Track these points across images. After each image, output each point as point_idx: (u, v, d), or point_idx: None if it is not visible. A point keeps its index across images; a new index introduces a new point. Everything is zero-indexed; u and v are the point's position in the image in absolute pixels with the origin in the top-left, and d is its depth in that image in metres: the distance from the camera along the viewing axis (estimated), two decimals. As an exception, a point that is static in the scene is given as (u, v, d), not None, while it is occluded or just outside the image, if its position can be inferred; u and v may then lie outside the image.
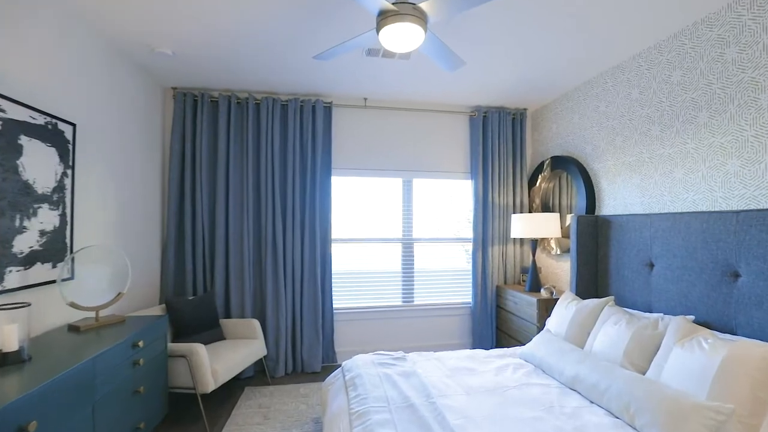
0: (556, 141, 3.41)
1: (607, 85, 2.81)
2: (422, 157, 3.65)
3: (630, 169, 2.60)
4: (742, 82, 1.91)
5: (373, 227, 3.62)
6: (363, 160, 3.55)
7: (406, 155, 3.62)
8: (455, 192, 3.79)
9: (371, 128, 3.57)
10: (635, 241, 2.38)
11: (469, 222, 3.78)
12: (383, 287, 3.62)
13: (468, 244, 3.77)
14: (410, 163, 3.63)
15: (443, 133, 3.70)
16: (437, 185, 3.74)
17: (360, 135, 3.55)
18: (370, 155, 3.56)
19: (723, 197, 2.01)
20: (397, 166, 3.61)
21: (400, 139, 3.62)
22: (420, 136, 3.66)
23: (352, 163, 3.53)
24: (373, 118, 3.57)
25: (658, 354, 1.76)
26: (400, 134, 3.62)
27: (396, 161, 3.60)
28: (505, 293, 3.39)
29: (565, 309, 2.43)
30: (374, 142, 3.57)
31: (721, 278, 1.88)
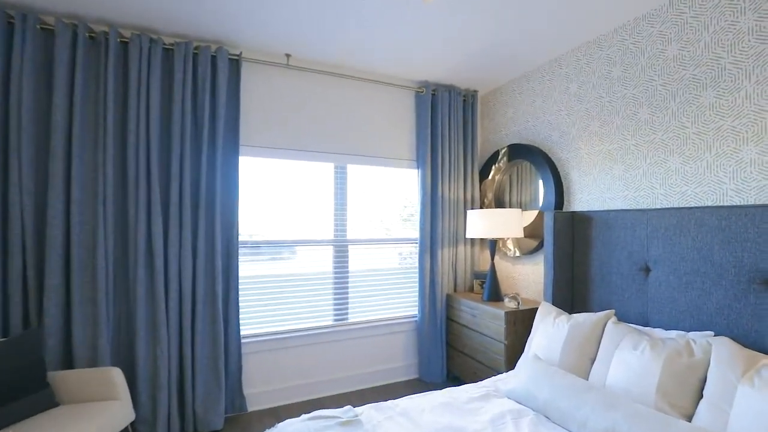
0: (513, 128, 3.01)
1: (580, 63, 2.45)
2: (359, 139, 2.93)
3: (610, 158, 2.26)
4: (762, 55, 1.63)
5: (296, 226, 2.79)
6: (283, 137, 2.69)
7: (340, 135, 2.87)
8: (399, 183, 3.16)
9: (295, 96, 2.73)
10: (626, 241, 2.02)
11: (411, 219, 3.18)
12: (309, 304, 2.81)
13: (413, 245, 3.17)
14: (345, 145, 2.88)
15: (385, 111, 3.03)
16: (377, 174, 3.06)
17: (280, 103, 2.69)
18: (293, 131, 2.72)
19: (735, 190, 1.72)
20: (328, 148, 2.83)
21: (332, 114, 2.85)
22: (357, 112, 2.93)
23: (268, 140, 2.65)
24: (298, 82, 2.74)
25: (710, 391, 1.35)
26: (333, 107, 2.85)
27: (327, 141, 2.82)
28: (457, 303, 2.87)
29: (553, 327, 1.96)
30: (299, 114, 2.74)
31: (747, 286, 1.56)
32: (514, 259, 2.96)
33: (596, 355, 1.78)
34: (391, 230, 3.11)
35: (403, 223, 3.16)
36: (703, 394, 1.38)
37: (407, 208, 3.18)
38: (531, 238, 2.73)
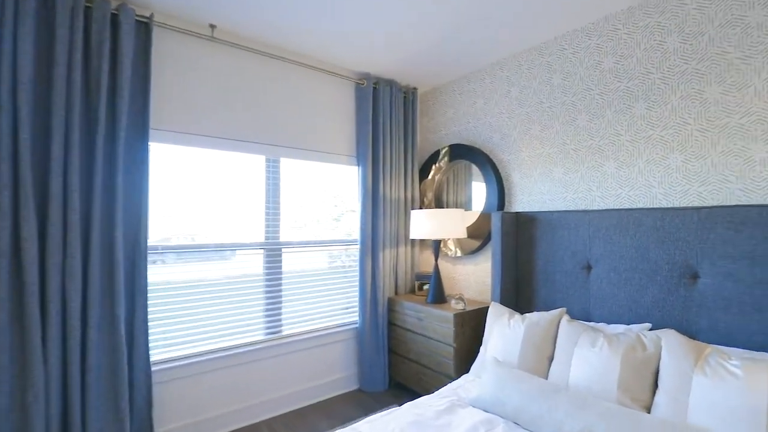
0: (453, 128, 3.01)
1: (521, 69, 2.52)
2: (296, 130, 2.64)
3: (550, 161, 2.36)
4: (686, 73, 1.82)
5: (221, 228, 2.39)
6: (206, 123, 2.27)
7: (274, 124, 2.54)
8: (337, 180, 2.93)
9: (222, 75, 2.33)
10: (570, 240, 2.11)
11: (341, 219, 2.98)
12: (236, 318, 2.43)
13: (352, 247, 2.97)
14: (278, 136, 2.56)
15: (324, 101, 2.78)
16: (314, 170, 2.79)
17: (203, 82, 2.26)
18: (219, 116, 2.32)
19: (663, 194, 1.89)
20: (259, 138, 2.48)
21: (265, 100, 2.51)
22: (294, 100, 2.63)
23: (187, 125, 2.21)
24: (225, 59, 2.34)
25: (666, 383, 1.42)
26: (267, 92, 2.51)
27: (258, 131, 2.47)
28: (400, 307, 2.76)
29: (509, 328, 1.95)
30: (226, 96, 2.35)
31: (678, 280, 1.72)
32: (455, 259, 2.96)
33: (553, 354, 1.81)
34: (329, 231, 2.87)
35: (334, 222, 2.93)
36: (658, 385, 1.46)
37: (337, 207, 2.96)
38: (473, 239, 2.75)
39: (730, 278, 1.58)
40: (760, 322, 1.51)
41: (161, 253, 2.18)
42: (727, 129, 1.70)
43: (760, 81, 1.61)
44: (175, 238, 2.23)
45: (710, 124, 1.75)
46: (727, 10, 1.70)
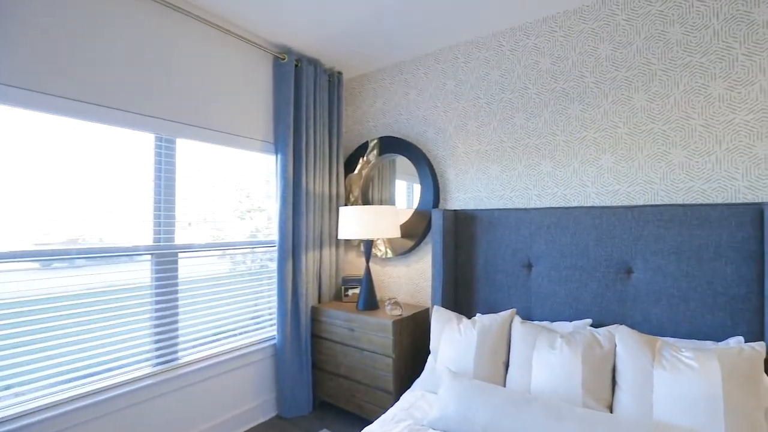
0: (383, 120, 2.80)
1: (458, 62, 2.44)
2: (197, 105, 2.11)
3: (487, 158, 2.32)
4: (616, 80, 1.92)
5: (92, 225, 1.74)
6: (67, 81, 1.63)
7: (168, 93, 1.98)
8: (249, 170, 2.45)
9: (94, 16, 1.70)
10: (511, 239, 2.08)
11: (247, 216, 2.54)
12: (112, 348, 1.81)
13: (269, 249, 2.53)
14: (175, 110, 2.01)
15: (235, 73, 2.30)
16: (220, 156, 2.28)
17: (62, 20, 1.61)
18: (87, 71, 1.69)
19: (596, 193, 1.98)
20: (147, 109, 1.90)
21: (157, 61, 1.93)
22: (196, 67, 2.10)
23: (39, 81, 1.54)
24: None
25: (627, 380, 1.42)
26: (161, 52, 1.94)
27: (146, 99, 1.89)
28: (327, 317, 2.44)
29: (460, 334, 1.81)
30: (100, 44, 1.72)
31: (615, 276, 1.80)
32: (385, 261, 2.75)
33: (508, 358, 1.72)
34: (237, 231, 2.39)
35: (243, 220, 2.46)
36: (617, 383, 1.46)
37: (244, 202, 2.48)
38: (406, 238, 2.58)
39: (660, 272, 1.69)
40: (685, 312, 1.64)
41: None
42: (651, 134, 1.83)
43: (679, 92, 1.77)
44: (18, 240, 1.53)
45: (637, 128, 1.87)
46: (651, 25, 1.83)
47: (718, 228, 1.58)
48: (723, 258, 1.57)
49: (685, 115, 1.75)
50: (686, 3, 1.75)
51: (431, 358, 1.90)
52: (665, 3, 1.80)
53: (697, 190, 1.73)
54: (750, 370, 1.27)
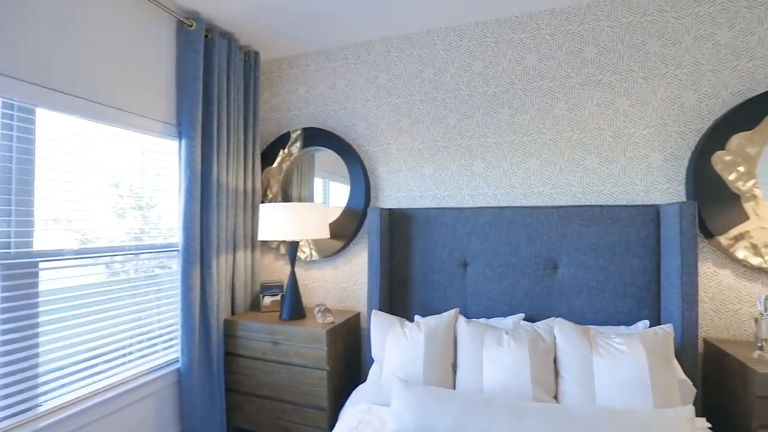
0: (307, 109, 2.56)
1: (390, 56, 2.36)
2: (69, 65, 1.60)
3: (420, 157, 2.29)
4: (541, 89, 2.07)
5: None
6: None
7: (25, 43, 1.45)
8: (140, 156, 1.97)
9: None
10: (447, 238, 2.08)
11: (126, 212, 2.07)
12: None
13: (170, 254, 2.07)
14: (34, 68, 1.48)
15: (124, 33, 1.82)
16: (99, 136, 1.78)
17: None
18: None
19: (523, 194, 2.10)
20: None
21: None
22: (67, 15, 1.59)
23: None
24: None
25: (570, 370, 1.50)
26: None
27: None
28: (244, 330, 2.10)
29: (407, 339, 1.72)
30: None
31: (543, 272, 1.92)
32: (309, 263, 2.51)
33: (456, 360, 1.69)
34: (125, 232, 1.90)
35: (128, 219, 1.98)
36: (560, 373, 1.54)
37: (128, 197, 1.99)
38: (335, 239, 2.39)
39: (582, 267, 1.86)
40: (602, 301, 1.83)
41: None
42: (571, 141, 2.02)
43: (593, 105, 1.98)
44: None
45: (559, 135, 2.03)
46: (571, 42, 2.02)
47: (627, 226, 1.80)
48: (631, 252, 1.79)
49: (598, 126, 1.97)
50: (598, 26, 1.97)
51: (376, 368, 1.76)
52: (581, 24, 2.00)
53: (607, 193, 1.95)
54: (665, 349, 1.45)
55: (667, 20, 1.87)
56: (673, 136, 1.86)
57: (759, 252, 1.68)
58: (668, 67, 1.86)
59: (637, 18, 1.91)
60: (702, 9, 1.82)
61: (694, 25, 1.83)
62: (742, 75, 1.76)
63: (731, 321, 1.76)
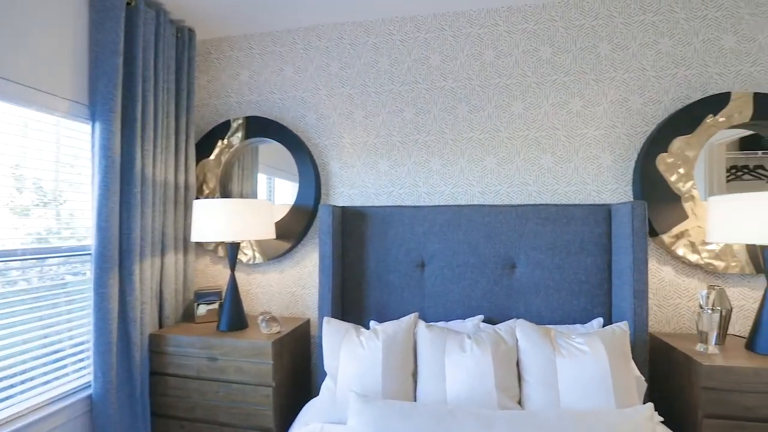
0: (250, 96, 2.31)
1: (343, 42, 2.20)
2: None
3: (376, 152, 2.16)
4: (498, 86, 2.04)
5: None
6: None
7: None
8: (43, 142, 1.61)
9: None
10: (404, 238, 1.97)
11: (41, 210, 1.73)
12: None
13: (81, 258, 1.73)
14: None
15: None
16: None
17: None
18: None
19: (480, 192, 2.06)
20: None
21: None
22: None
23: None
24: None
25: (534, 372, 1.45)
26: None
27: None
28: (174, 345, 1.82)
29: (363, 348, 1.57)
30: None
31: (502, 271, 1.88)
32: (252, 267, 2.27)
33: (416, 368, 1.57)
34: (19, 233, 1.54)
35: (22, 217, 1.62)
36: (523, 377, 1.49)
37: (23, 193, 1.63)
38: (282, 239, 2.18)
39: (539, 266, 1.85)
40: (558, 300, 1.83)
41: None
42: (527, 140, 2.01)
43: (548, 104, 1.99)
44: None
45: (516, 134, 2.02)
46: (527, 41, 2.01)
47: (582, 225, 1.81)
48: (585, 251, 1.81)
49: (553, 126, 1.98)
50: (553, 26, 1.98)
51: (329, 382, 1.60)
52: (537, 24, 2.00)
53: (561, 192, 1.97)
54: (623, 347, 1.46)
55: (616, 26, 1.92)
56: (621, 138, 1.92)
57: (696, 249, 1.78)
58: (617, 71, 1.92)
59: (589, 21, 1.95)
60: (646, 18, 1.90)
61: (640, 32, 1.90)
62: (681, 82, 1.86)
63: (672, 315, 1.85)
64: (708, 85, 1.83)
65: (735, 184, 1.83)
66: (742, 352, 1.54)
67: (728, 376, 1.41)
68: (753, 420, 1.40)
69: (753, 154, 1.84)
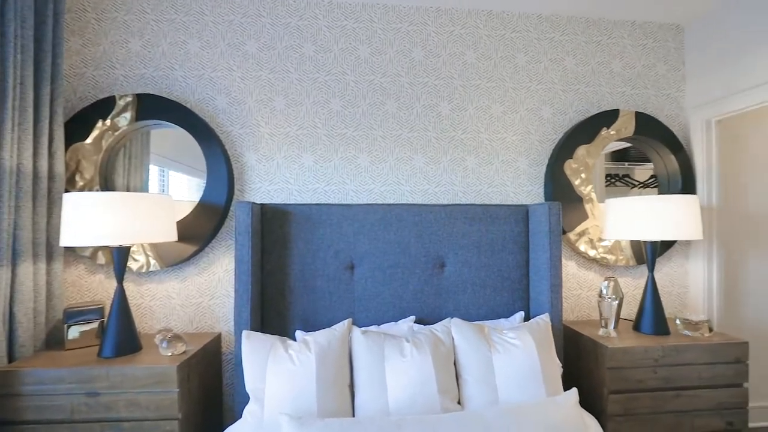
0: (141, 69, 1.91)
1: (262, 20, 1.96)
2: None
3: (299, 145, 1.97)
4: (427, 86, 2.04)
5: None
6: None
7: None
8: None
9: None
10: (333, 239, 1.83)
11: None
12: None
13: None
14: None
15: None
16: None
17: None
18: None
19: (410, 191, 2.03)
20: None
21: None
22: None
23: None
24: None
25: (473, 371, 1.45)
26: None
27: None
28: (35, 383, 1.38)
29: (294, 363, 1.39)
30: None
31: (432, 271, 1.88)
32: (144, 276, 1.88)
33: (353, 379, 1.45)
34: None
35: None
36: (461, 376, 1.48)
37: None
38: (185, 242, 1.85)
39: (466, 265, 1.89)
40: (484, 296, 1.89)
41: None
42: (453, 141, 2.04)
43: (472, 108, 2.05)
44: None
45: (443, 134, 2.04)
46: (453, 44, 2.05)
47: (504, 224, 1.91)
48: (507, 249, 1.90)
49: (476, 129, 2.05)
50: (478, 33, 2.06)
51: (253, 406, 1.38)
52: (464, 28, 2.05)
53: (485, 193, 2.05)
54: (547, 338, 1.56)
55: (531, 40, 2.08)
56: (534, 145, 2.07)
57: (594, 245, 2.02)
58: (531, 81, 2.07)
59: (508, 33, 2.07)
60: (555, 36, 2.09)
61: (550, 48, 2.08)
62: (582, 97, 2.09)
63: (575, 305, 2.07)
64: (602, 102, 2.10)
65: (610, 189, 2.13)
66: (631, 334, 1.78)
67: (625, 355, 1.61)
68: (644, 390, 1.62)
69: (622, 164, 2.16)
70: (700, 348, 1.64)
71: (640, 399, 1.62)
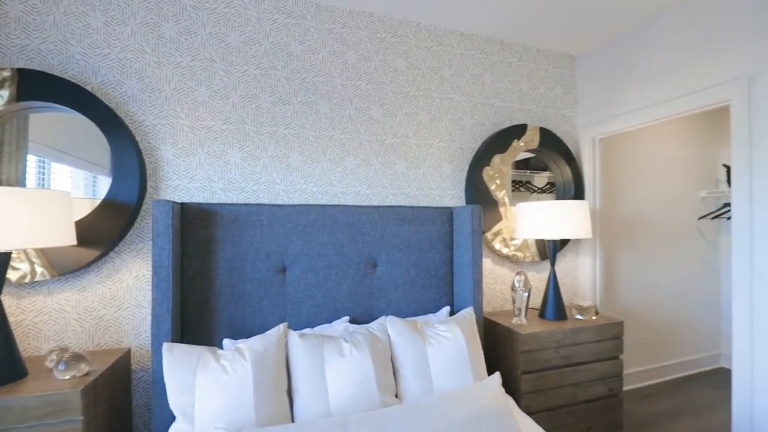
0: (27, 41, 1.59)
1: (182, 3, 1.79)
2: None
3: (225, 140, 1.84)
4: (359, 89, 2.08)
5: None
6: None
7: None
8: None
9: None
10: (263, 241, 1.75)
11: None
12: None
13: None
14: None
15: None
16: None
17: None
18: None
19: (342, 192, 2.03)
20: None
21: None
22: None
23: None
24: None
25: (409, 365, 1.51)
26: None
27: None
28: None
29: (228, 373, 1.30)
30: None
31: (365, 271, 1.92)
32: (27, 287, 1.56)
33: (291, 384, 1.41)
34: None
35: None
36: (398, 370, 1.54)
37: None
38: (85, 246, 1.59)
39: (397, 264, 1.96)
40: (413, 294, 1.98)
41: None
42: (384, 145, 2.11)
43: (402, 114, 2.14)
44: None
45: (374, 138, 2.09)
46: (385, 51, 2.11)
47: (432, 225, 2.03)
48: (435, 248, 2.03)
49: (405, 134, 2.14)
50: (408, 43, 2.15)
51: (181, 425, 1.25)
52: (395, 36, 2.13)
53: (413, 196, 2.15)
54: (473, 329, 1.70)
55: (454, 55, 2.24)
56: (457, 152, 2.24)
57: (507, 244, 2.25)
58: (455, 93, 2.24)
59: (435, 45, 2.21)
60: (475, 54, 2.29)
61: (471, 64, 2.28)
62: (497, 111, 2.33)
63: (491, 297, 2.29)
64: (513, 116, 2.36)
65: (515, 194, 2.41)
66: (538, 321, 2.03)
67: (535, 339, 1.84)
68: (549, 369, 1.87)
69: (524, 172, 2.46)
70: (590, 329, 1.95)
71: (546, 377, 1.86)
